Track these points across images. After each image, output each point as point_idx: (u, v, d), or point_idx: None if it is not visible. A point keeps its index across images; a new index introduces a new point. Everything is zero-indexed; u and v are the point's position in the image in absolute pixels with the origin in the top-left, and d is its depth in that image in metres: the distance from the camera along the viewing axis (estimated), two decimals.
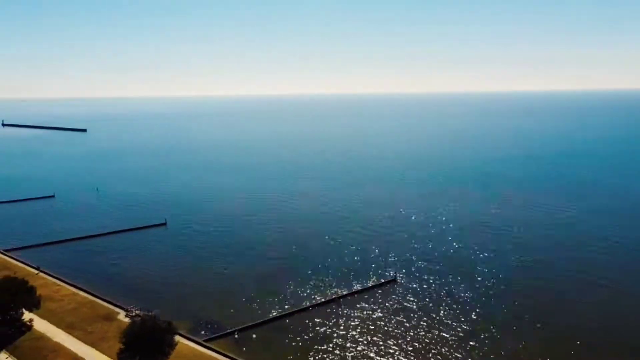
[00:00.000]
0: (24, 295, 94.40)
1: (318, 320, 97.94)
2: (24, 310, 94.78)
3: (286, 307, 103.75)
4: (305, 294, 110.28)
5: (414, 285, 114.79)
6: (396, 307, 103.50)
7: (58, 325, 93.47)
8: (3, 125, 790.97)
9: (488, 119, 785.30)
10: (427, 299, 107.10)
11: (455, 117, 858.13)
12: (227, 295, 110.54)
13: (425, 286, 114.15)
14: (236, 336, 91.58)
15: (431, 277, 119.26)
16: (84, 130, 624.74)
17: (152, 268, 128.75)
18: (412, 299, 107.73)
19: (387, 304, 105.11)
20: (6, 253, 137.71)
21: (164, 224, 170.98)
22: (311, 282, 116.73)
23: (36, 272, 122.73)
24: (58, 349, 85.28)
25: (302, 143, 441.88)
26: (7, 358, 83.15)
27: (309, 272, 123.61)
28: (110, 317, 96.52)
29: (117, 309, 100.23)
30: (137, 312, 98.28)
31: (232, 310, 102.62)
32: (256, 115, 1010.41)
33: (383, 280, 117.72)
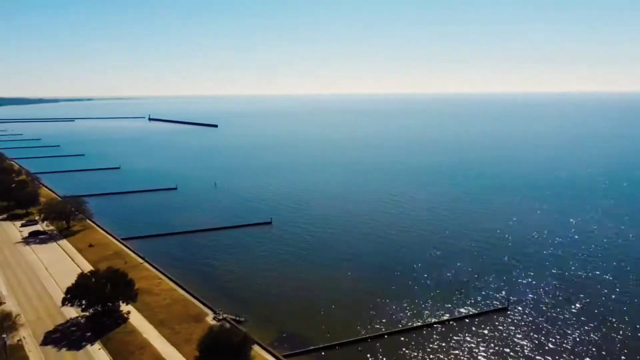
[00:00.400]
0: (124, 287, 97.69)
1: (412, 346, 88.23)
2: (121, 302, 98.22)
3: (377, 327, 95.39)
4: (401, 315, 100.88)
5: (528, 318, 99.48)
6: (505, 342, 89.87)
7: (150, 321, 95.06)
8: (149, 119, 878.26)
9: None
10: (541, 334, 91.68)
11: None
12: (318, 306, 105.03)
13: (540, 319, 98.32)
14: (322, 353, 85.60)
15: (548, 311, 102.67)
16: (215, 126, 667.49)
17: (251, 268, 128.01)
18: (524, 331, 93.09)
19: (494, 336, 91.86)
20: (123, 241, 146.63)
21: (270, 222, 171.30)
22: (409, 301, 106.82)
23: (141, 262, 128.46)
24: (145, 346, 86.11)
25: (434, 144, 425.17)
26: (99, 349, 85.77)
27: (409, 288, 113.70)
28: (199, 318, 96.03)
29: (207, 310, 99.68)
30: (225, 315, 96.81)
31: (320, 324, 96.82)
32: (383, 114, 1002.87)
33: (492, 308, 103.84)
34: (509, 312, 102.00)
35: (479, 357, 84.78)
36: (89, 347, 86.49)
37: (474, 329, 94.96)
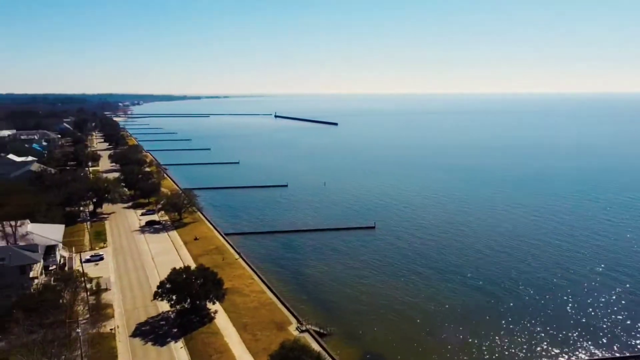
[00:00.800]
0: (212, 286, 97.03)
1: None
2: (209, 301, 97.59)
3: None
4: (510, 353, 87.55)
5: None
6: None
7: (234, 323, 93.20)
8: (275, 116, 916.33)
9: None
10: None
11: None
12: (416, 326, 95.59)
13: None
14: None
15: None
16: (336, 124, 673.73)
17: (347, 275, 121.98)
18: None
19: None
20: (226, 237, 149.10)
21: (373, 227, 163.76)
22: (518, 338, 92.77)
23: (237, 258, 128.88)
24: (224, 350, 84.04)
25: (566, 147, 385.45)
26: (181, 347, 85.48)
27: (518, 321, 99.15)
28: (282, 326, 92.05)
29: (292, 318, 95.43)
30: (309, 327, 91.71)
31: (416, 348, 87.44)
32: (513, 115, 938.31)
33: (627, 354, 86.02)
34: None
35: None
36: (173, 344, 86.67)
37: None
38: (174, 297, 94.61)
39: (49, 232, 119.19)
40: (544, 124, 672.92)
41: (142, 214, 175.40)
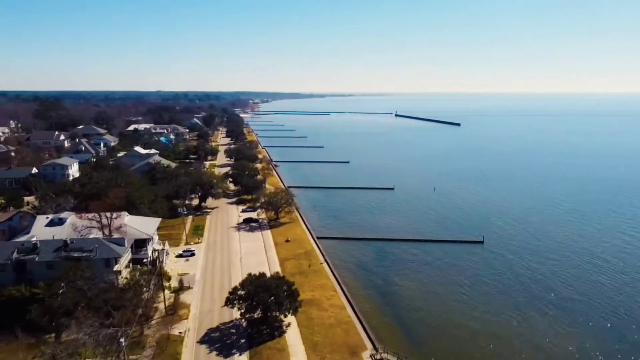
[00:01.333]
0: (286, 298, 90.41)
1: None
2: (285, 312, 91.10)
3: None
4: None
5: None
6: None
7: (305, 341, 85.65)
8: (396, 115, 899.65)
9: None
10: None
11: None
12: None
13: None
14: None
15: None
16: (458, 125, 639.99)
17: (444, 295, 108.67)
18: None
19: None
20: (318, 240, 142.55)
21: (481, 242, 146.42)
22: None
23: (322, 262, 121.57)
24: None
25: None
26: None
27: None
28: (355, 351, 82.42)
29: (368, 342, 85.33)
30: (385, 355, 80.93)
31: None
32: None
33: None
34: None
35: None
36: (237, 356, 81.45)
37: None
38: (244, 305, 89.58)
39: (144, 225, 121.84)
40: None
41: (243, 211, 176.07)
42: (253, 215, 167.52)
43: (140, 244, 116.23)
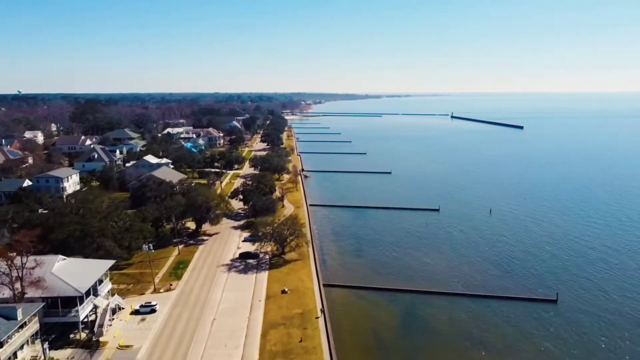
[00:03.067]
0: None
1: None
2: None
3: None
4: None
5: None
6: None
7: None
8: (452, 117, 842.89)
9: None
10: None
11: None
12: None
13: None
14: None
15: None
16: (521, 127, 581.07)
17: None
18: None
19: None
20: (325, 288, 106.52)
21: (555, 300, 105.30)
22: None
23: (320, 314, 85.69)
24: None
25: None
26: None
27: None
28: None
29: None
30: None
31: None
32: None
33: None
34: None
35: None
36: None
37: None
38: None
39: (83, 273, 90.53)
40: None
41: (244, 240, 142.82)
42: (253, 247, 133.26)
43: (68, 302, 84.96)
